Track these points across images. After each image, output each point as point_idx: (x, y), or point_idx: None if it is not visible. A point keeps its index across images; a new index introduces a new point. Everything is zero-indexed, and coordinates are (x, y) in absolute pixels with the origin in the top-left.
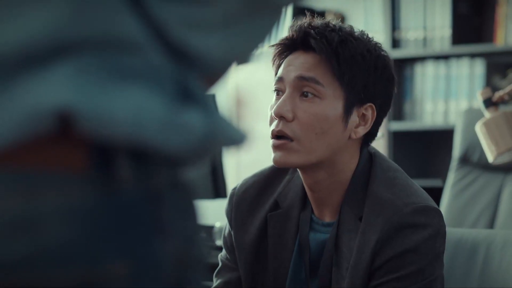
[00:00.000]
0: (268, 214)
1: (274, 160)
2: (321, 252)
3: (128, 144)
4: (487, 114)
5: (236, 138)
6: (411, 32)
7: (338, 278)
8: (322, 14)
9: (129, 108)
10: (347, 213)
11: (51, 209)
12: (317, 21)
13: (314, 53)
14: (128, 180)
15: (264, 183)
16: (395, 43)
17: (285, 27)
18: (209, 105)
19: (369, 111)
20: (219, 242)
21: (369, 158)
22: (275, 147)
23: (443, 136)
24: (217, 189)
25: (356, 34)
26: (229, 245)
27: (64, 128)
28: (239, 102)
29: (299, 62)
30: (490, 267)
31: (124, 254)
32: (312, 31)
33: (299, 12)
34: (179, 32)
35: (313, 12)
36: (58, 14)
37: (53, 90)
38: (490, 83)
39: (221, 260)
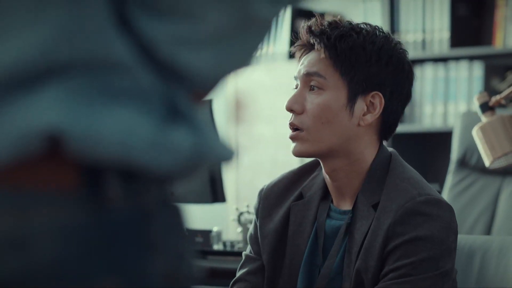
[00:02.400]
0: (291, 204)
1: (292, 151)
2: (334, 240)
3: (117, 163)
4: (484, 119)
5: (223, 155)
6: (410, 34)
7: (348, 262)
8: (321, 16)
9: (117, 128)
10: (362, 202)
11: (42, 227)
12: (324, 21)
13: (319, 50)
14: (117, 199)
15: (292, 179)
16: None
17: (284, 30)
18: (198, 122)
19: (377, 99)
20: (216, 247)
21: (388, 156)
22: (290, 139)
23: (442, 139)
24: (215, 194)
25: (361, 29)
26: (254, 238)
27: (54, 149)
28: (239, 104)
29: (307, 61)
30: (486, 274)
31: (115, 272)
32: (315, 31)
33: (298, 14)
34: (168, 49)
35: (312, 14)
36: (47, 36)
37: (43, 111)
38: (489, 86)
39: (244, 255)
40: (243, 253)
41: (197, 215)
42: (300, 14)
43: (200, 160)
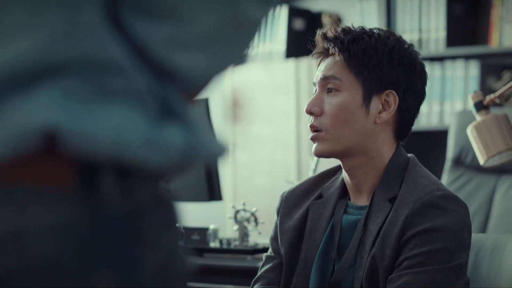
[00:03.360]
0: (310, 202)
1: (313, 152)
2: (352, 233)
3: (112, 161)
4: (478, 117)
5: (216, 152)
6: (406, 34)
7: (362, 253)
8: (318, 15)
9: (112, 126)
10: (378, 196)
11: (38, 224)
12: (338, 28)
13: (334, 55)
14: (112, 196)
15: (314, 182)
16: None
17: (280, 29)
18: (190, 121)
19: (391, 97)
20: (212, 244)
21: (406, 158)
22: (311, 140)
23: (438, 137)
24: (211, 192)
25: (373, 33)
26: (273, 237)
27: (50, 147)
28: (236, 104)
29: (324, 66)
30: (480, 272)
31: (109, 268)
32: (330, 37)
33: (295, 13)
34: (160, 51)
35: (309, 14)
36: (43, 38)
37: (39, 110)
38: (484, 85)
39: (265, 256)
40: (264, 254)
41: (194, 213)
42: (297, 13)
43: (193, 157)
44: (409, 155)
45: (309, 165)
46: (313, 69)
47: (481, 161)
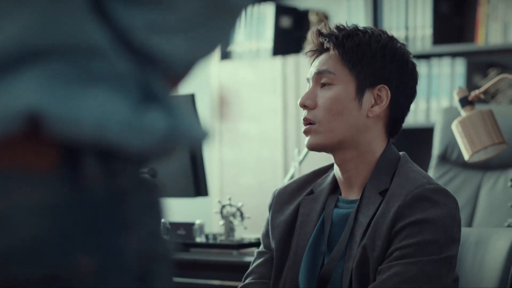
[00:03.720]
0: (302, 198)
1: (306, 145)
2: (342, 227)
3: (94, 144)
4: (463, 113)
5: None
6: (393, 31)
7: (352, 244)
8: (305, 13)
9: (95, 110)
10: (369, 190)
11: (21, 206)
12: (331, 25)
13: (328, 51)
14: (94, 178)
15: (306, 180)
16: None
17: (268, 27)
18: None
19: (383, 92)
20: (198, 239)
21: (397, 154)
22: (304, 133)
23: (425, 135)
24: (198, 188)
25: (367, 29)
26: (265, 233)
27: (33, 129)
28: (223, 101)
29: (318, 62)
30: (464, 266)
31: (91, 250)
32: (324, 33)
33: (282, 11)
34: (142, 36)
35: (297, 12)
36: (27, 23)
37: (23, 93)
38: (471, 82)
39: (256, 252)
40: (255, 250)
41: (180, 208)
42: (284, 11)
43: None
44: (400, 152)
45: (294, 160)
46: (300, 67)
47: (466, 156)
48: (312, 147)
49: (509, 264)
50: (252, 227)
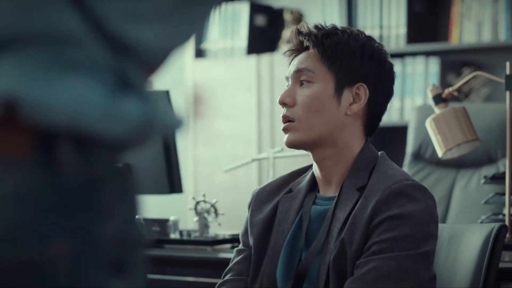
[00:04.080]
0: (280, 197)
1: (284, 142)
2: (320, 223)
3: (70, 130)
4: (437, 110)
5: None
6: (367, 30)
7: (329, 239)
8: (280, 12)
9: (70, 96)
10: (347, 186)
11: None
12: (310, 25)
13: (307, 50)
14: (70, 165)
15: (285, 179)
16: None
17: (242, 25)
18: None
19: (362, 90)
20: (173, 236)
21: (376, 153)
22: (283, 130)
23: (399, 133)
24: (172, 185)
25: (345, 29)
26: (243, 231)
27: (8, 116)
28: (197, 99)
29: (297, 60)
30: (437, 262)
31: (66, 236)
32: (303, 32)
33: (256, 10)
34: (117, 25)
35: (271, 10)
36: (1, 10)
37: None
38: (444, 81)
39: (235, 250)
40: (235, 249)
41: (154, 205)
42: (259, 10)
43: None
44: (379, 152)
45: (269, 159)
46: (274, 65)
47: (440, 153)
48: (291, 144)
49: (482, 259)
50: (226, 225)
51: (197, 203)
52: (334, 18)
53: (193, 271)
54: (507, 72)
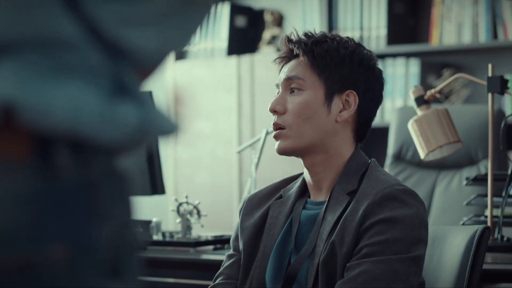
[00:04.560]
0: (271, 203)
1: (276, 149)
2: (310, 227)
3: (67, 134)
4: (419, 112)
5: (168, 129)
6: (347, 31)
7: (318, 242)
8: (260, 13)
9: (67, 101)
10: (337, 191)
11: None
12: (300, 34)
13: (297, 57)
14: (67, 169)
15: (276, 186)
16: None
17: (222, 26)
18: (143, 98)
19: (351, 97)
20: (155, 237)
21: (366, 159)
22: (274, 137)
23: (379, 134)
24: (154, 186)
25: (335, 36)
26: (234, 236)
27: (6, 119)
28: (178, 100)
29: (287, 68)
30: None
31: (63, 238)
32: (293, 40)
33: (237, 11)
34: (114, 29)
35: (252, 11)
36: None
37: None
38: (425, 82)
39: (226, 255)
40: (226, 254)
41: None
42: (239, 11)
43: (145, 133)
44: (371, 159)
45: (251, 160)
46: (255, 66)
47: (422, 155)
48: (282, 151)
49: (466, 261)
50: (209, 225)
51: (180, 204)
52: (315, 19)
53: (176, 273)
54: (489, 74)
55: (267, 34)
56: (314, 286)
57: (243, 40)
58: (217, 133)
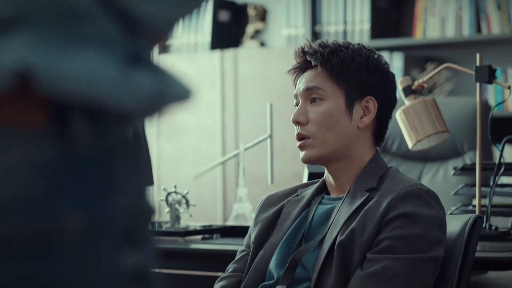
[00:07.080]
0: (287, 200)
1: (301, 159)
2: (324, 220)
3: (84, 102)
4: (407, 102)
5: (182, 95)
6: (331, 26)
7: (333, 230)
8: (243, 7)
9: (84, 68)
10: (356, 188)
11: (10, 163)
12: (313, 43)
13: (315, 67)
14: (84, 137)
15: (295, 188)
16: (316, 37)
17: (206, 20)
18: (157, 66)
19: (370, 103)
20: None
21: (385, 164)
22: (299, 148)
23: None
24: None
25: (349, 44)
26: (248, 235)
27: (23, 87)
28: None
29: (304, 78)
30: None
31: (80, 208)
32: (309, 51)
33: (220, 5)
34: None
35: (235, 6)
36: None
37: (13, 52)
38: (409, 76)
39: (238, 251)
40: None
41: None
42: (222, 5)
43: (161, 100)
44: (391, 166)
45: (238, 162)
46: (238, 60)
47: (410, 144)
48: (308, 160)
49: (458, 250)
50: (198, 215)
51: (168, 194)
52: (298, 13)
53: (165, 263)
54: (477, 63)
55: (250, 29)
56: (321, 271)
57: (227, 35)
58: (201, 127)
